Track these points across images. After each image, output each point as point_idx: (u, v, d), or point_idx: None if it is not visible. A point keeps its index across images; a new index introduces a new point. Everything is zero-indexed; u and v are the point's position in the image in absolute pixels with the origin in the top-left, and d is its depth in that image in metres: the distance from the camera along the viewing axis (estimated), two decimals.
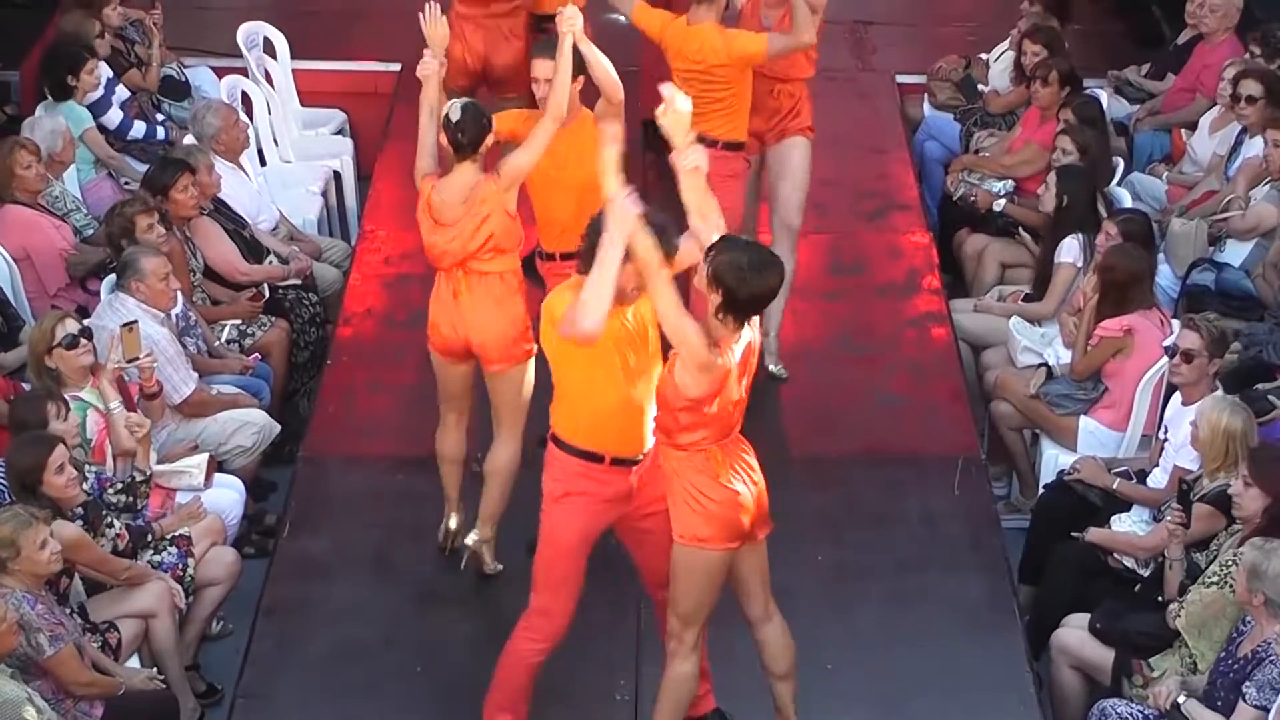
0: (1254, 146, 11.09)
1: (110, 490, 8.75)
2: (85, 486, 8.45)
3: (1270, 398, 9.34)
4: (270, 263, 11.02)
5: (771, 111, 10.12)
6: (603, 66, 8.84)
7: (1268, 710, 7.39)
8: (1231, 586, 7.86)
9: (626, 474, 7.52)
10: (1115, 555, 8.88)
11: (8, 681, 7.22)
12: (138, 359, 9.16)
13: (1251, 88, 11.19)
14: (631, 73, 9.98)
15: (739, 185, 9.87)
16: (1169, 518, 8.44)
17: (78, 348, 8.96)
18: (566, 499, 7.49)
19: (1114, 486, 9.21)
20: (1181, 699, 7.75)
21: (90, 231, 10.91)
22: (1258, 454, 8.33)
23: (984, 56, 13.22)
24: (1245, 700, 7.48)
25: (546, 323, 7.38)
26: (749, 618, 7.67)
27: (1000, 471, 10.29)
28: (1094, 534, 8.96)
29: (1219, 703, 7.67)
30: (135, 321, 9.25)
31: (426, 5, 8.74)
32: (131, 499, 8.78)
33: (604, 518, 7.61)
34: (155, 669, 8.34)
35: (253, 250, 10.94)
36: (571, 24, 8.57)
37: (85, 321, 9.27)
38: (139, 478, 8.85)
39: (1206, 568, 8.21)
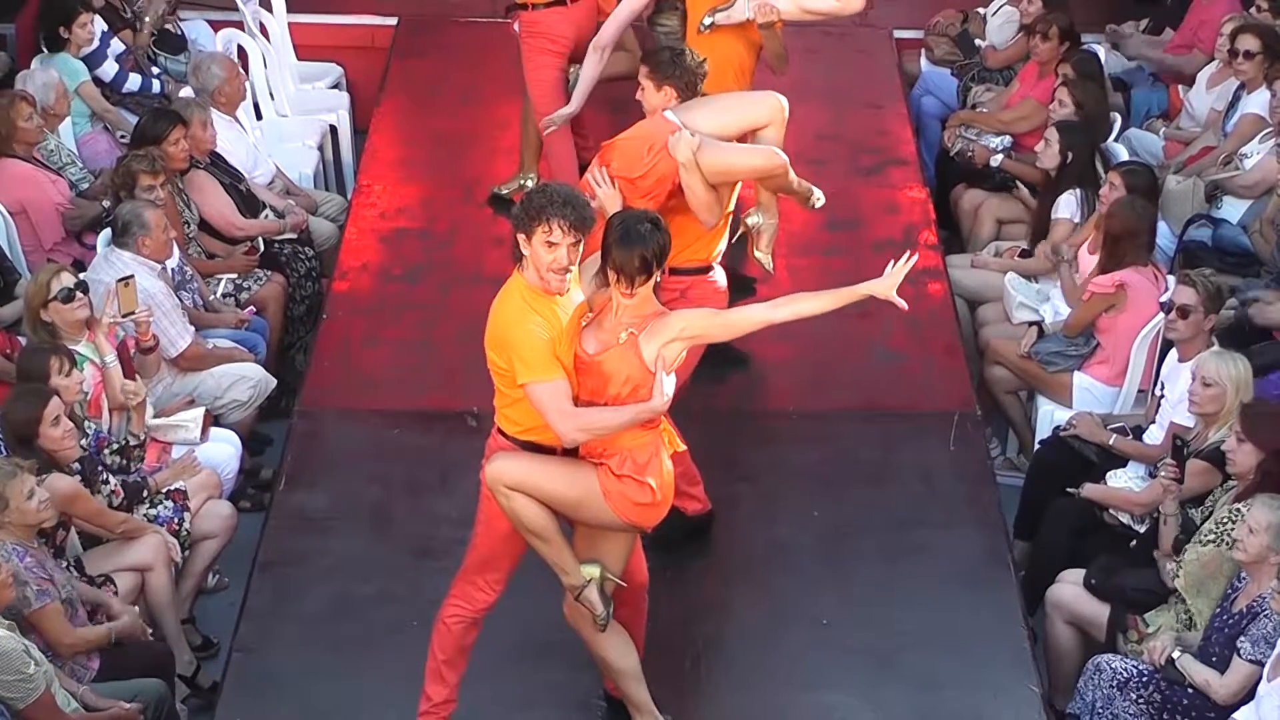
0: (1251, 102, 11.07)
1: (106, 450, 8.76)
2: (83, 442, 8.46)
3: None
4: (266, 217, 11.01)
5: None
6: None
7: (1262, 664, 7.42)
8: (1228, 544, 7.86)
9: None
10: (1111, 511, 8.89)
11: (6, 634, 7.23)
12: (134, 313, 9.16)
13: (1249, 43, 11.17)
14: None
15: None
16: (1163, 473, 8.44)
17: (74, 301, 8.95)
18: None
19: (1110, 442, 9.22)
20: (1176, 654, 7.77)
21: (86, 185, 10.88)
22: (1249, 409, 8.32)
23: (981, 11, 13.17)
24: (1240, 655, 7.51)
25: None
26: None
27: (992, 433, 10.26)
28: (1090, 489, 8.97)
29: (1214, 658, 7.69)
30: (132, 276, 9.24)
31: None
32: (125, 461, 8.82)
33: None
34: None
35: (249, 204, 10.92)
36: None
37: (81, 275, 9.27)
38: (133, 441, 8.87)
39: (1202, 524, 8.22)
